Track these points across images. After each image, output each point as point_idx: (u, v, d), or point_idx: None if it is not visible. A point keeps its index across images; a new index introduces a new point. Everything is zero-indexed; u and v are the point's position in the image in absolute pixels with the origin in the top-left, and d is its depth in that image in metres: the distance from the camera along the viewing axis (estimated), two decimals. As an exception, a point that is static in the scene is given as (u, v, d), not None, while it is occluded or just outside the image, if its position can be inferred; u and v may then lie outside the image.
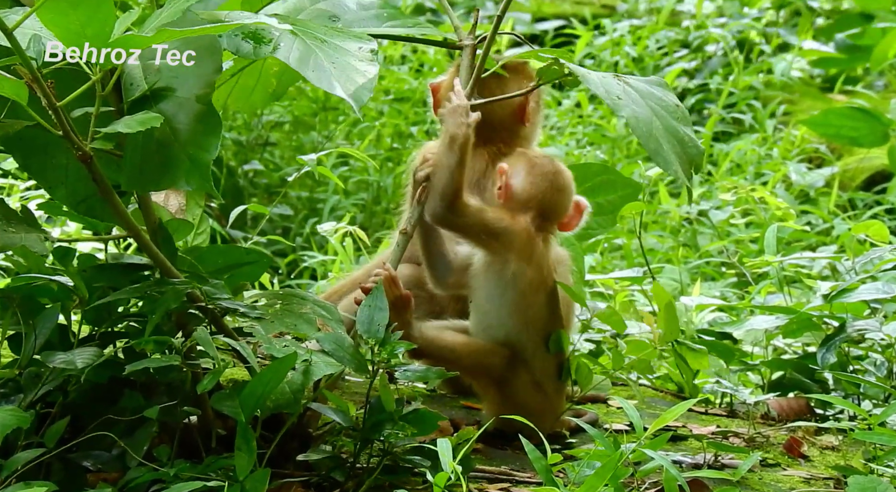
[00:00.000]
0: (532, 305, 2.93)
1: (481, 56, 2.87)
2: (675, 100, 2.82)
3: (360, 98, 2.41)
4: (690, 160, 2.74)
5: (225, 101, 3.04)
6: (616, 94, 2.68)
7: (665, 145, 2.67)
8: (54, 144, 2.55)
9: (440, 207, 2.85)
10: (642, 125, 2.66)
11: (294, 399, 2.48)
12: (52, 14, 2.29)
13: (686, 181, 2.70)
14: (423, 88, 7.21)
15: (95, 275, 2.63)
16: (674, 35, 7.84)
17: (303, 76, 2.51)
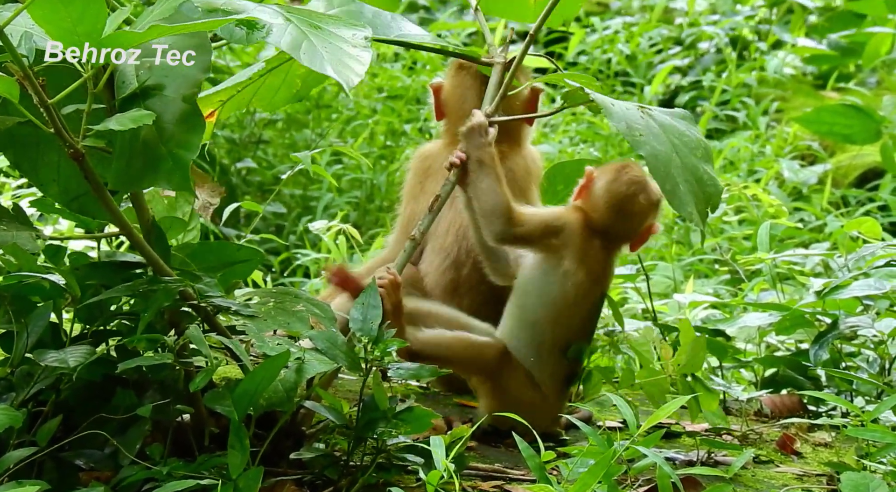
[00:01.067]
0: (573, 307, 2.93)
1: (509, 75, 2.87)
2: (699, 134, 2.80)
3: (352, 82, 2.41)
4: (707, 199, 2.71)
5: (249, 101, 3.06)
6: (637, 130, 2.65)
7: (682, 186, 2.65)
8: (46, 142, 2.54)
9: (500, 226, 2.88)
10: (661, 164, 2.64)
11: (287, 397, 2.48)
12: (44, 11, 2.29)
13: (700, 224, 2.67)
14: (417, 86, 7.20)
15: (88, 273, 2.62)
16: (667, 32, 7.84)
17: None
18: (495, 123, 2.87)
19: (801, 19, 7.77)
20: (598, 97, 2.70)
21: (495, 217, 2.87)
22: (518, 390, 2.93)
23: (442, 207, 2.83)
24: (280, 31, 2.46)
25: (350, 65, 2.42)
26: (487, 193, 2.86)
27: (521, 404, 2.87)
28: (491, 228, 2.89)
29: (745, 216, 5.55)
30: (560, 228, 2.91)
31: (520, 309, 2.98)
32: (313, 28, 2.49)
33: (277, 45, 2.44)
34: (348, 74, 2.40)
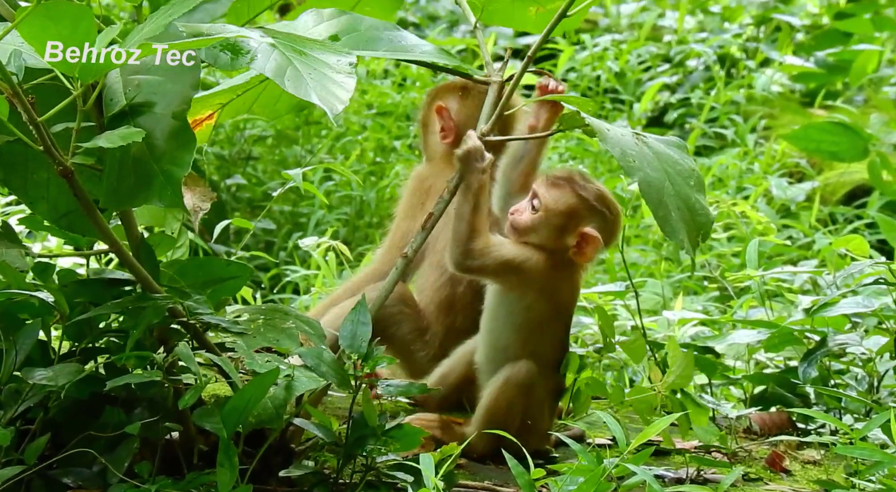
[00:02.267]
0: (543, 333, 2.94)
1: (506, 94, 2.87)
2: (692, 164, 2.82)
3: (336, 109, 2.41)
4: (699, 228, 2.72)
5: (250, 107, 3.05)
6: (631, 157, 2.66)
7: (674, 213, 2.66)
8: (35, 160, 2.54)
9: (457, 256, 2.88)
10: (653, 191, 2.65)
11: (276, 415, 2.47)
12: (33, 28, 2.29)
13: (691, 252, 2.68)
14: (406, 103, 7.21)
15: (76, 290, 2.62)
16: (655, 50, 7.88)
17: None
18: (492, 142, 2.87)
19: (788, 37, 7.81)
20: (594, 122, 2.71)
21: (456, 245, 2.87)
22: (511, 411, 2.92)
23: (435, 225, 2.83)
24: (265, 57, 2.47)
25: (334, 91, 2.43)
26: (460, 219, 2.85)
27: (513, 424, 2.86)
28: (450, 254, 2.89)
29: (734, 233, 5.57)
30: (519, 267, 2.89)
31: (490, 334, 2.99)
32: (298, 54, 2.50)
33: (262, 71, 2.45)
34: (332, 102, 2.41)
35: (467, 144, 2.84)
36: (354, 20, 2.88)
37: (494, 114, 2.87)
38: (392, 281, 2.82)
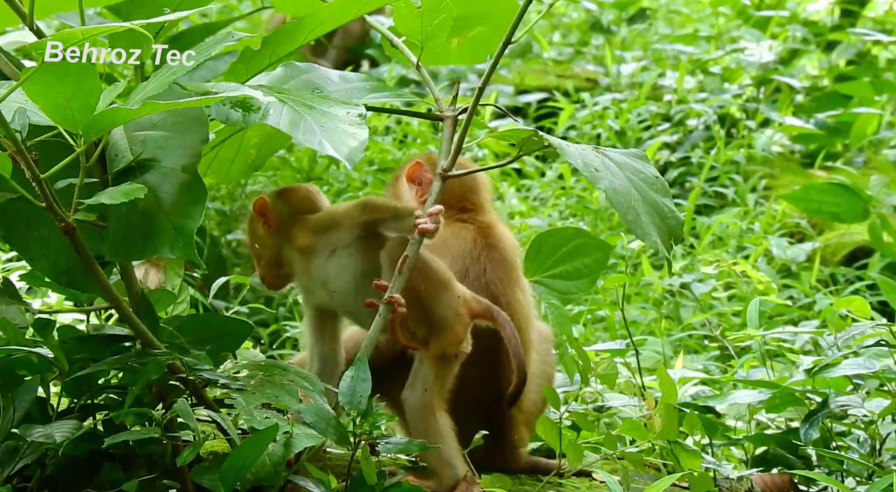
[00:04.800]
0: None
1: (462, 128, 2.89)
2: (655, 171, 2.84)
3: (353, 158, 2.43)
4: (670, 231, 2.75)
5: (205, 173, 3.06)
6: (594, 167, 2.69)
7: (644, 217, 2.69)
8: (37, 216, 2.55)
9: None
10: (620, 197, 2.68)
11: (275, 472, 2.46)
12: (38, 87, 2.31)
13: (665, 253, 2.71)
14: (407, 159, 7.25)
15: (76, 346, 2.62)
16: (655, 109, 7.92)
17: (284, 146, 2.54)
18: (451, 177, 2.88)
19: (788, 98, 7.86)
20: (553, 140, 2.73)
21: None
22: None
23: (411, 268, 2.83)
24: (277, 112, 2.50)
25: (348, 143, 2.45)
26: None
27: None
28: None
29: (735, 293, 5.56)
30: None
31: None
32: (307, 108, 2.53)
33: (276, 126, 2.47)
34: (348, 152, 2.43)
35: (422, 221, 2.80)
36: (323, 74, 2.90)
37: (452, 149, 2.89)
38: (377, 328, 2.81)
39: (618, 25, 9.44)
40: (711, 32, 9.10)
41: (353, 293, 2.85)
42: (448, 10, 2.79)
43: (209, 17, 7.16)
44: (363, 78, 2.90)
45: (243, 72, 2.80)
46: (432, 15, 2.81)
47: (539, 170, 7.54)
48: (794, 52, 8.76)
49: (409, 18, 2.83)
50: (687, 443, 3.14)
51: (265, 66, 2.80)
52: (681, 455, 3.01)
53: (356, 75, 2.90)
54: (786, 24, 8.94)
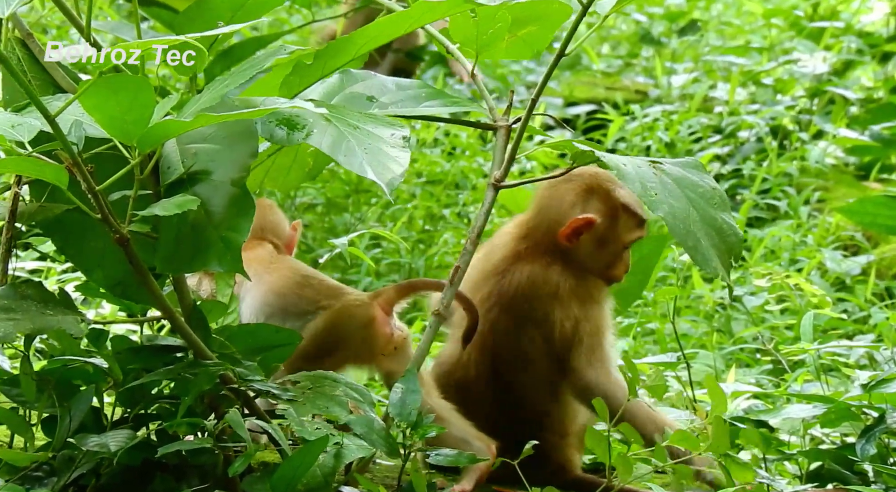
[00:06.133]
0: None
1: (515, 138, 2.89)
2: (712, 182, 2.80)
3: (393, 183, 2.44)
4: (729, 249, 2.71)
5: (262, 181, 3.08)
6: (652, 190, 2.66)
7: (703, 241, 2.65)
8: (91, 228, 2.58)
9: None
10: (679, 222, 2.64)
11: (325, 482, 2.47)
12: (94, 100, 2.34)
13: (726, 277, 2.66)
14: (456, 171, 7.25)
15: (129, 357, 2.64)
16: (706, 121, 7.87)
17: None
18: (504, 187, 2.87)
19: (842, 110, 7.76)
20: (608, 157, 2.71)
21: None
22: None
23: (462, 279, 2.83)
24: (321, 132, 2.51)
25: (389, 166, 2.46)
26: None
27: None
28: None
29: (788, 306, 5.50)
30: None
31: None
32: (352, 128, 2.53)
33: (319, 146, 2.49)
34: (388, 176, 2.43)
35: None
36: (380, 82, 2.90)
37: (505, 160, 2.88)
38: (427, 341, 2.81)
39: (668, 37, 9.39)
40: (764, 44, 9.01)
41: None
42: (504, 18, 2.79)
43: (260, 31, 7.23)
44: (419, 85, 2.89)
45: (296, 85, 2.82)
46: (488, 23, 2.81)
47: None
48: (848, 63, 8.65)
49: (464, 27, 2.83)
50: (741, 456, 3.10)
51: (318, 78, 2.82)
52: (732, 468, 2.97)
53: (412, 82, 2.91)
54: (840, 36, 8.84)
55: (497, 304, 3.11)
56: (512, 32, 2.95)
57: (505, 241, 3.18)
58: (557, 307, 3.06)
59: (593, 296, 3.11)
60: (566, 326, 3.05)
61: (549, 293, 3.07)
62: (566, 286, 3.06)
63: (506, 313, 3.10)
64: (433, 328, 2.82)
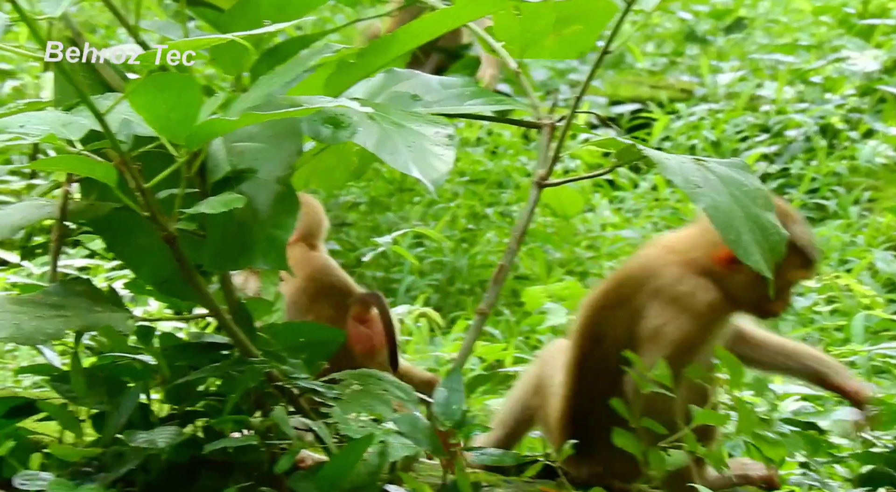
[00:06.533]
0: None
1: (560, 136, 2.88)
2: (757, 183, 2.78)
3: (437, 181, 2.43)
4: (772, 248, 2.68)
5: (308, 180, 3.09)
6: (695, 182, 2.64)
7: (745, 235, 2.63)
8: (139, 225, 2.60)
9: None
10: (721, 215, 2.63)
11: (370, 481, 2.47)
12: (142, 99, 2.36)
13: (767, 273, 2.64)
14: (499, 170, 7.25)
15: (176, 354, 2.66)
16: (753, 120, 7.80)
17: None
18: (548, 185, 2.86)
19: (893, 109, 7.66)
20: (650, 153, 2.69)
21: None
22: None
23: (506, 277, 2.83)
24: (366, 130, 2.51)
25: (434, 164, 2.46)
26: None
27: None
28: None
29: (838, 307, 5.43)
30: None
31: None
32: (396, 126, 2.53)
33: (364, 145, 2.49)
34: (433, 174, 2.43)
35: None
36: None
37: (550, 157, 2.86)
38: (471, 339, 2.81)
39: (714, 35, 9.32)
40: (812, 42, 8.92)
41: None
42: (548, 16, 2.78)
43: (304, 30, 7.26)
44: (463, 83, 2.89)
45: (340, 84, 2.82)
46: (532, 21, 2.80)
47: (632, 181, 7.47)
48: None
49: (508, 25, 2.83)
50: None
51: (361, 77, 2.82)
52: (763, 446, 2.92)
53: (456, 80, 2.90)
54: (891, 33, 8.72)
55: (612, 276, 3.11)
56: (556, 31, 2.94)
57: (657, 250, 3.11)
58: (666, 306, 3.00)
59: (711, 326, 3.01)
60: (651, 325, 2.99)
61: (668, 288, 3.00)
62: (699, 299, 2.97)
63: (616, 286, 3.07)
64: (477, 327, 2.82)
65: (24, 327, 2.38)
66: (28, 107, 2.49)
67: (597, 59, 2.83)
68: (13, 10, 2.32)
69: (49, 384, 2.69)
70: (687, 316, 2.97)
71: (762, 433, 2.90)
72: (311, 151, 2.96)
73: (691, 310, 2.96)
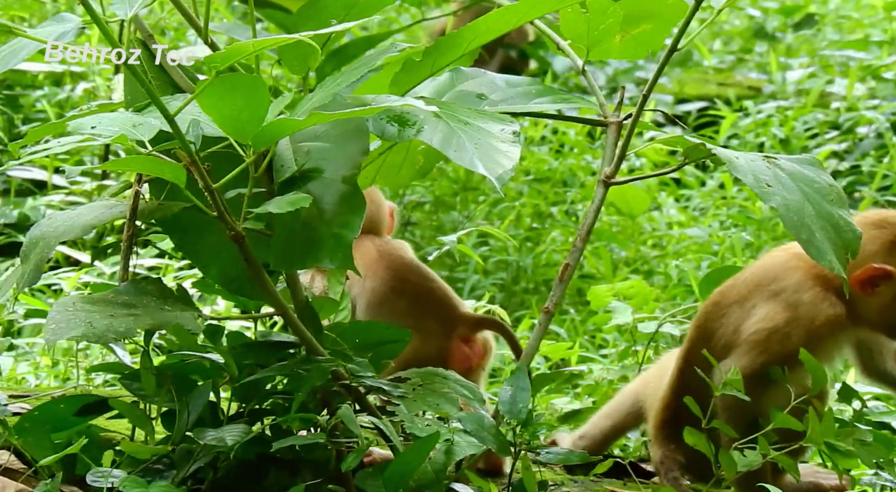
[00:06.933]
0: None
1: (626, 134, 2.86)
2: (829, 179, 2.74)
3: (503, 178, 2.43)
4: (846, 245, 2.64)
5: (373, 179, 3.11)
6: (765, 181, 2.61)
7: (818, 234, 2.59)
8: (208, 225, 2.63)
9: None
10: (793, 213, 2.59)
11: (436, 479, 2.48)
12: (210, 99, 2.39)
13: (841, 272, 2.60)
14: (563, 169, 7.22)
15: (244, 352, 2.68)
16: (823, 117, 7.68)
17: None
18: (615, 184, 2.84)
19: (966, 104, 7.50)
20: (720, 151, 2.66)
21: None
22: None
23: (571, 276, 2.81)
24: (432, 128, 2.52)
25: (500, 161, 2.45)
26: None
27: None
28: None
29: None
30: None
31: None
32: (462, 124, 2.54)
33: (430, 142, 2.49)
34: (498, 171, 2.43)
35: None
36: (490, 79, 2.89)
37: (616, 156, 2.84)
38: (537, 337, 2.80)
39: (783, 32, 9.19)
40: (884, 37, 8.75)
41: None
42: (615, 13, 2.76)
43: (369, 30, 7.29)
44: (529, 82, 2.88)
45: (406, 83, 2.83)
46: (599, 18, 2.78)
47: (699, 179, 7.39)
48: (975, 57, 8.35)
49: (575, 22, 2.81)
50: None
51: (427, 76, 2.83)
52: (836, 458, 2.88)
53: (522, 79, 2.90)
54: (968, 28, 8.54)
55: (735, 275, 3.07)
56: (625, 30, 2.92)
57: (785, 255, 3.06)
58: (782, 311, 2.94)
59: (823, 342, 2.94)
60: (759, 326, 2.95)
61: (789, 293, 2.95)
62: (821, 311, 2.91)
63: (736, 284, 3.04)
64: (542, 325, 2.81)
65: (95, 326, 2.42)
66: (100, 108, 2.53)
67: (664, 58, 2.80)
68: (85, 13, 2.36)
69: (120, 382, 2.73)
70: (801, 326, 2.90)
71: (835, 443, 2.85)
72: (378, 150, 2.97)
73: (808, 321, 2.90)
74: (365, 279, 3.14)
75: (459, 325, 3.12)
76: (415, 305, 3.12)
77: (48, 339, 2.41)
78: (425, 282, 3.18)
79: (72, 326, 2.41)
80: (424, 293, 3.15)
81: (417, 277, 3.19)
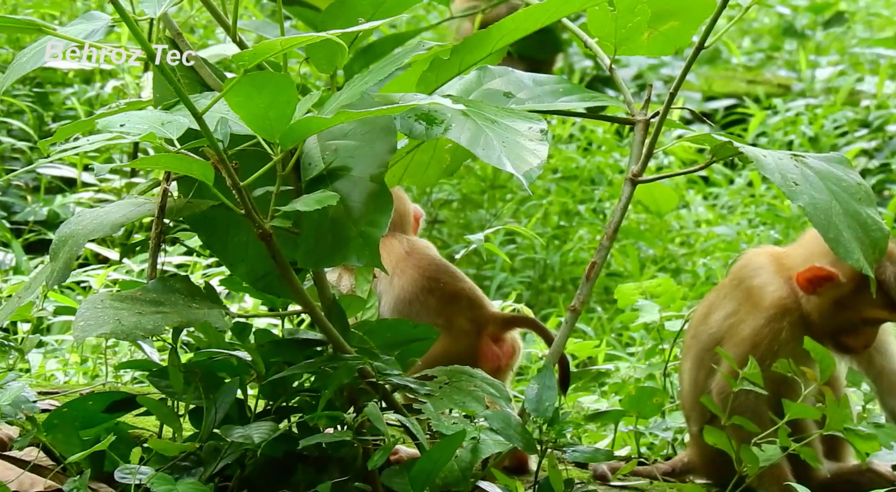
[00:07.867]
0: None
1: (653, 132, 2.85)
2: (857, 177, 2.73)
3: (530, 176, 2.43)
4: (874, 244, 2.63)
5: (401, 177, 3.11)
6: (793, 180, 2.60)
7: (845, 233, 2.58)
8: (235, 223, 2.64)
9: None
10: (820, 213, 2.58)
11: (463, 477, 2.48)
12: (239, 97, 2.39)
13: (868, 270, 2.59)
14: (591, 167, 7.20)
15: (271, 350, 2.69)
16: (852, 115, 7.63)
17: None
18: (643, 182, 2.83)
19: None
20: (747, 149, 2.65)
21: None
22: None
23: (598, 275, 2.81)
24: (459, 127, 2.52)
25: (527, 159, 2.45)
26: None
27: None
28: None
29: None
30: None
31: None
32: (489, 122, 2.53)
33: (457, 140, 2.49)
34: (525, 168, 2.43)
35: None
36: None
37: (643, 154, 2.83)
38: (564, 336, 2.80)
39: (812, 29, 9.13)
40: (916, 35, 8.69)
41: None
42: (643, 12, 2.75)
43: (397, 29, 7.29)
44: (556, 80, 2.88)
45: (433, 81, 2.83)
46: (627, 17, 2.78)
47: (727, 177, 7.36)
48: None
49: (603, 21, 2.81)
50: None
51: (455, 74, 2.82)
52: (855, 441, 2.86)
53: (549, 78, 2.89)
54: None
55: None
56: (652, 27, 2.91)
57: (761, 256, 3.09)
58: (744, 303, 2.99)
59: (780, 325, 2.96)
60: (729, 321, 3.00)
61: (753, 288, 2.99)
62: (768, 293, 2.95)
63: (719, 289, 3.11)
64: (569, 324, 2.81)
65: (124, 323, 2.43)
66: (129, 106, 2.54)
67: (692, 55, 2.79)
68: (115, 11, 2.37)
69: (148, 379, 2.74)
70: (757, 312, 2.94)
71: (854, 427, 2.83)
72: (405, 148, 2.97)
73: (760, 305, 2.93)
74: (392, 277, 3.13)
75: (490, 324, 3.10)
76: (445, 303, 3.11)
77: (77, 336, 2.42)
78: (455, 281, 3.18)
79: (100, 323, 2.42)
80: (455, 292, 3.14)
81: (447, 277, 3.18)
